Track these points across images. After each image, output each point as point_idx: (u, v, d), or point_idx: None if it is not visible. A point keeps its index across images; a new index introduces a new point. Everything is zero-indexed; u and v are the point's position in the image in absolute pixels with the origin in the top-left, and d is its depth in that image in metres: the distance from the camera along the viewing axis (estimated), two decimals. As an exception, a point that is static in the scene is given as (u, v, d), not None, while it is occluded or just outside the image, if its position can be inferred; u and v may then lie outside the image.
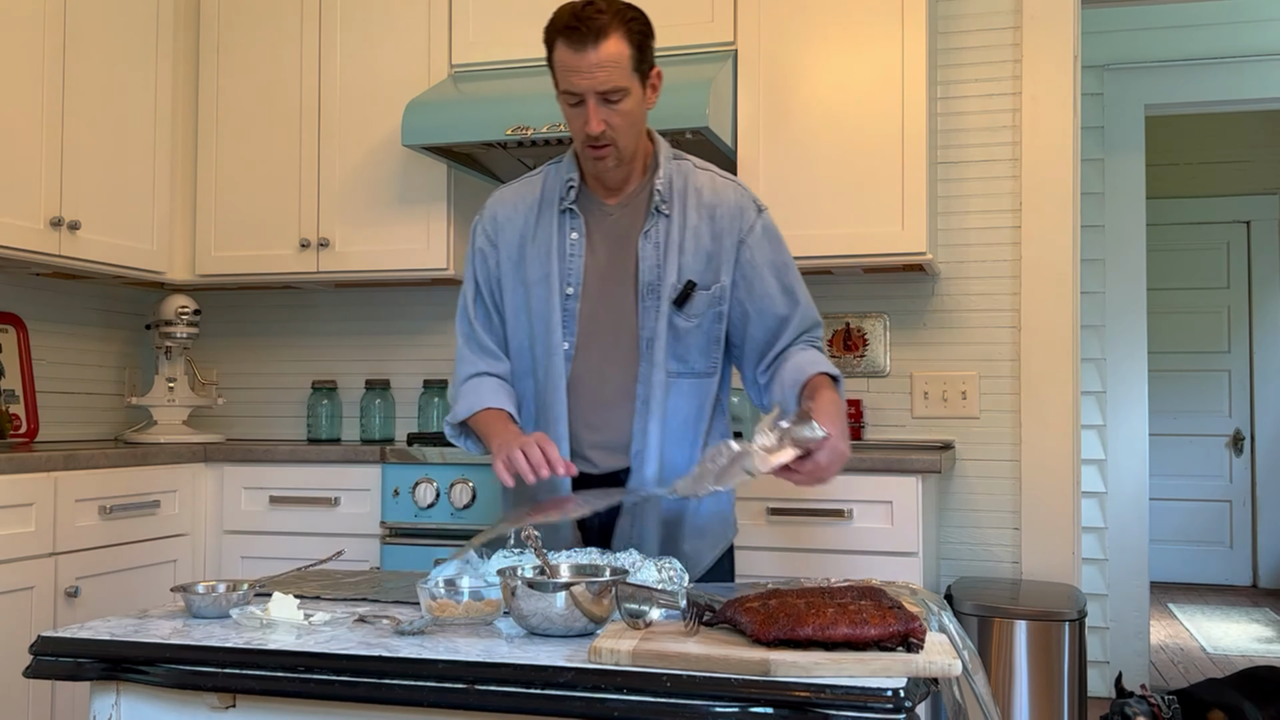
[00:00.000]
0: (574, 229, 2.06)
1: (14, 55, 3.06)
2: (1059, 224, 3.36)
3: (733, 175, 2.14)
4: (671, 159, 2.10)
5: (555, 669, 1.31)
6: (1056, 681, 2.94)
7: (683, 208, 2.05)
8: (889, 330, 3.50)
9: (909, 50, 3.14)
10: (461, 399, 2.08)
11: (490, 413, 2.04)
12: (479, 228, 2.14)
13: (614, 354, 2.04)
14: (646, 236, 2.04)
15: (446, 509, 3.09)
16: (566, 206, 2.06)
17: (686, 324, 2.03)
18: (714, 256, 2.04)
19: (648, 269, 2.03)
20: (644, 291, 2.03)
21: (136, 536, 3.11)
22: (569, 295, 2.04)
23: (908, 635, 1.30)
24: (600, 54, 1.91)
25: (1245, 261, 7.11)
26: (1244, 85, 4.78)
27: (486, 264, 2.12)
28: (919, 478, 2.86)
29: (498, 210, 2.13)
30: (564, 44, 1.93)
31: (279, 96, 3.64)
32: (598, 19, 1.91)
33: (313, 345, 4.02)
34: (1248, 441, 7.10)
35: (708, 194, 2.07)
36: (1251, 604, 6.62)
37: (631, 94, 1.96)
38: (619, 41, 1.92)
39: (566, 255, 2.05)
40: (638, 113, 2.00)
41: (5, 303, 3.54)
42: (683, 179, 2.08)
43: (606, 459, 2.05)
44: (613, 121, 1.95)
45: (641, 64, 1.97)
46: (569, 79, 1.94)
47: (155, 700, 1.47)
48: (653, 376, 2.02)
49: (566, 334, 2.04)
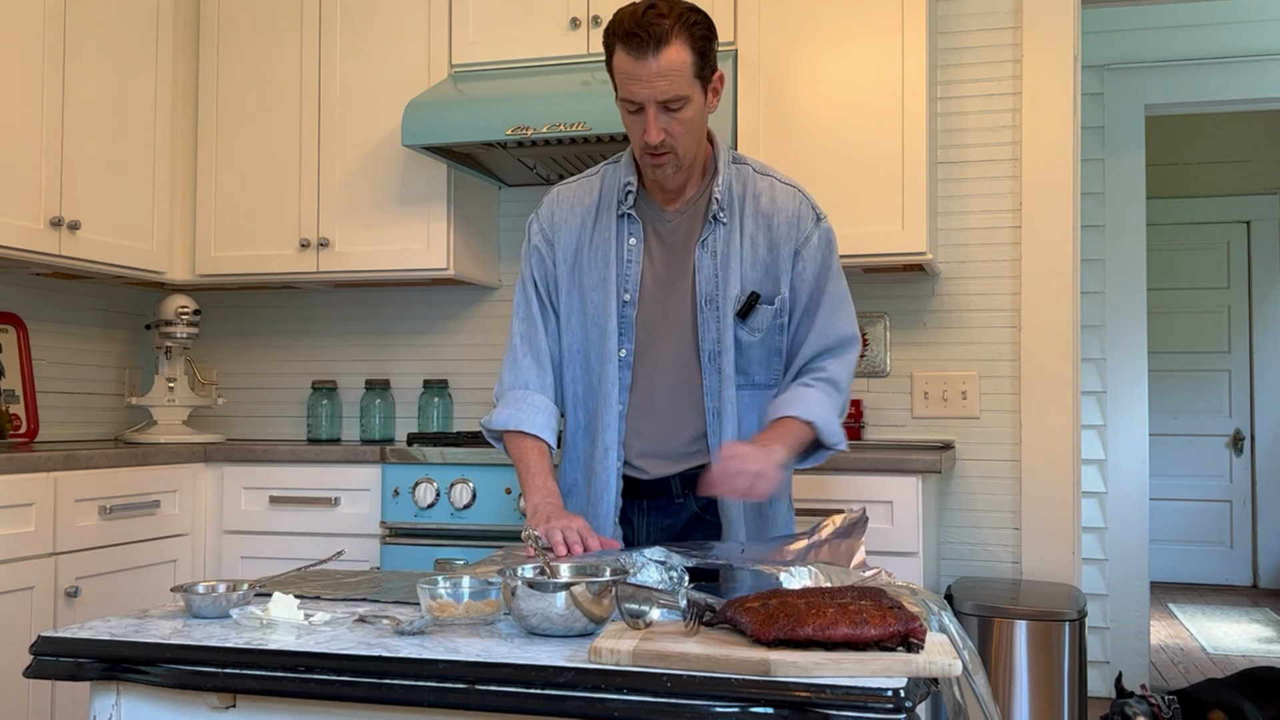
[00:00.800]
0: (632, 234, 2.01)
1: (14, 56, 3.06)
2: (1059, 224, 3.36)
3: (794, 180, 2.09)
4: (731, 163, 2.04)
5: (555, 669, 1.31)
6: (1056, 681, 2.94)
7: (740, 216, 2.00)
8: (889, 330, 3.50)
9: (909, 50, 3.14)
10: (503, 406, 2.06)
11: (530, 443, 2.01)
12: (535, 226, 2.10)
13: (669, 363, 2.01)
14: (704, 246, 1.99)
15: (446, 509, 3.09)
16: (625, 211, 2.02)
17: (750, 338, 1.99)
18: (771, 267, 2.00)
19: (705, 279, 1.99)
20: (702, 302, 1.99)
21: (136, 536, 3.11)
22: (626, 302, 2.00)
23: (908, 635, 1.30)
24: (662, 62, 1.84)
25: (1245, 261, 7.11)
26: (1244, 85, 4.78)
27: (544, 263, 2.07)
28: (919, 478, 2.86)
29: (555, 210, 2.08)
30: (624, 50, 1.86)
31: (279, 96, 3.64)
32: (659, 24, 1.83)
33: (313, 345, 4.02)
34: (1248, 441, 7.10)
35: (765, 201, 2.02)
36: (1251, 604, 6.62)
37: (693, 101, 1.89)
38: (681, 48, 1.85)
39: (625, 261, 2.01)
40: (699, 120, 1.93)
41: (5, 303, 3.54)
42: (742, 185, 2.03)
43: (656, 466, 2.05)
44: (673, 130, 1.90)
45: (704, 69, 1.90)
46: (628, 87, 1.88)
47: (155, 700, 1.47)
48: (723, 391, 1.99)
49: (624, 341, 2.00)
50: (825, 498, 2.89)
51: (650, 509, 2.08)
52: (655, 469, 2.04)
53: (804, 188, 2.09)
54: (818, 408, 1.94)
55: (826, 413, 1.95)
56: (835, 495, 2.89)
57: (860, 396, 3.50)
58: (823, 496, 2.89)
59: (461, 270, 3.53)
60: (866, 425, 3.50)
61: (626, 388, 2.02)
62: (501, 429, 2.05)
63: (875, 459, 2.88)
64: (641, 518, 2.08)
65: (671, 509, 2.06)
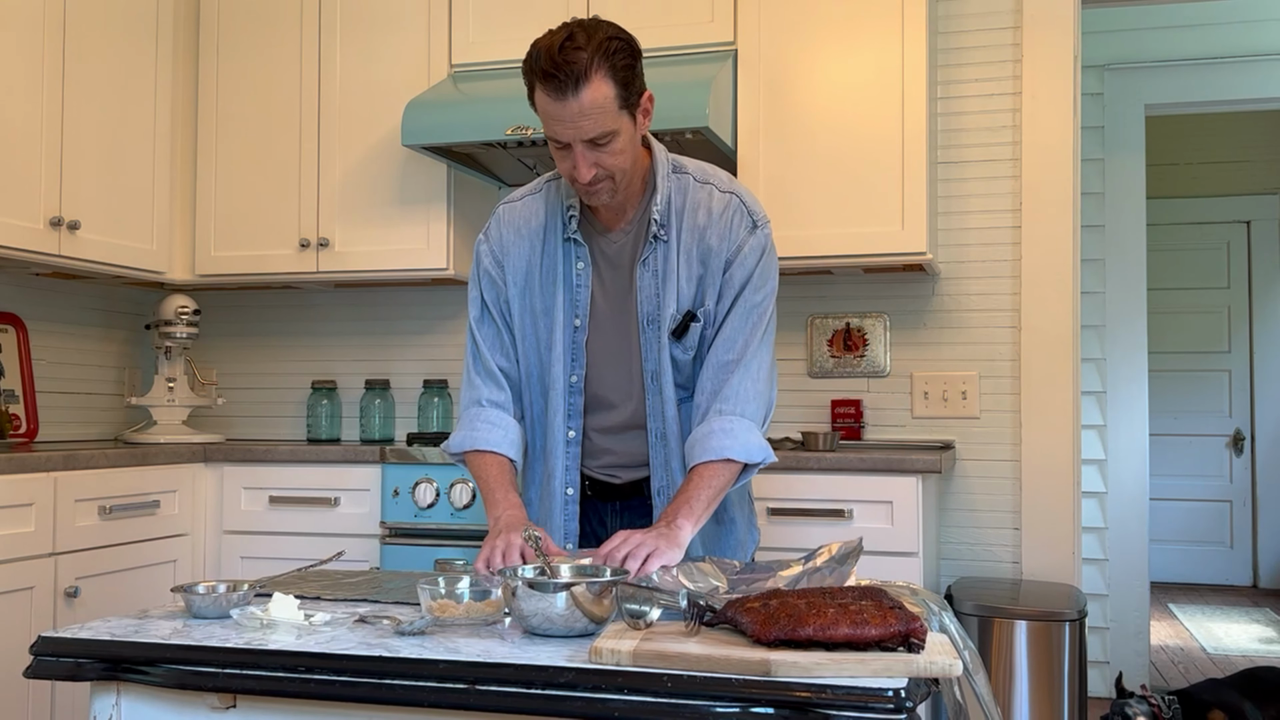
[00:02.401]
0: (580, 258, 1.98)
1: (14, 55, 3.06)
2: (1059, 224, 3.36)
3: (737, 185, 2.00)
4: (670, 174, 1.98)
5: (555, 669, 1.31)
6: (1057, 681, 2.94)
7: (679, 230, 1.95)
8: (889, 330, 3.50)
9: (909, 50, 3.14)
10: (459, 428, 2.04)
11: (489, 459, 1.98)
12: (484, 248, 2.06)
13: (622, 384, 2.00)
14: (645, 265, 1.96)
15: (446, 509, 3.09)
16: (570, 236, 1.99)
17: (684, 355, 1.97)
18: (703, 279, 1.95)
19: (646, 299, 1.96)
20: (644, 322, 1.96)
21: (136, 536, 3.11)
22: (577, 328, 1.98)
23: (909, 635, 1.30)
24: (584, 102, 1.76)
25: (1245, 261, 7.10)
26: (1244, 85, 4.78)
27: (496, 285, 2.04)
28: (919, 478, 2.86)
29: (503, 232, 2.04)
30: (543, 90, 1.79)
31: (279, 96, 3.64)
32: (577, 61, 1.75)
33: (313, 345, 4.02)
34: (1248, 441, 7.10)
35: (703, 214, 1.95)
36: (1252, 604, 6.62)
37: (621, 133, 1.82)
38: (602, 83, 1.76)
39: (574, 286, 1.98)
40: (630, 147, 1.86)
41: (5, 303, 3.54)
42: (682, 197, 1.96)
43: (625, 474, 2.05)
44: (604, 162, 1.83)
45: (629, 98, 1.82)
46: (552, 127, 1.81)
47: (155, 700, 1.47)
48: (665, 411, 1.97)
49: (575, 366, 1.99)
50: (825, 497, 2.89)
51: (624, 510, 2.08)
52: (625, 475, 2.05)
53: (746, 194, 1.98)
54: (729, 440, 1.87)
55: (741, 440, 1.88)
56: (835, 495, 2.89)
57: (860, 396, 3.50)
58: (822, 496, 2.89)
59: (461, 270, 3.52)
60: (866, 425, 3.50)
61: (579, 413, 2.00)
62: (460, 450, 2.03)
63: (875, 459, 2.88)
64: (616, 519, 2.08)
65: (644, 509, 2.05)
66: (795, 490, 2.91)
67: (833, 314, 3.54)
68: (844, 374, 3.53)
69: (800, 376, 3.56)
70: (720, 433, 1.88)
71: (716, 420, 1.89)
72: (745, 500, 2.15)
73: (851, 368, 3.52)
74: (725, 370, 1.93)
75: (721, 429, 1.88)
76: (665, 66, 3.24)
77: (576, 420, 2.01)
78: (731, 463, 1.88)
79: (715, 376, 1.93)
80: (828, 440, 3.14)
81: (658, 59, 3.31)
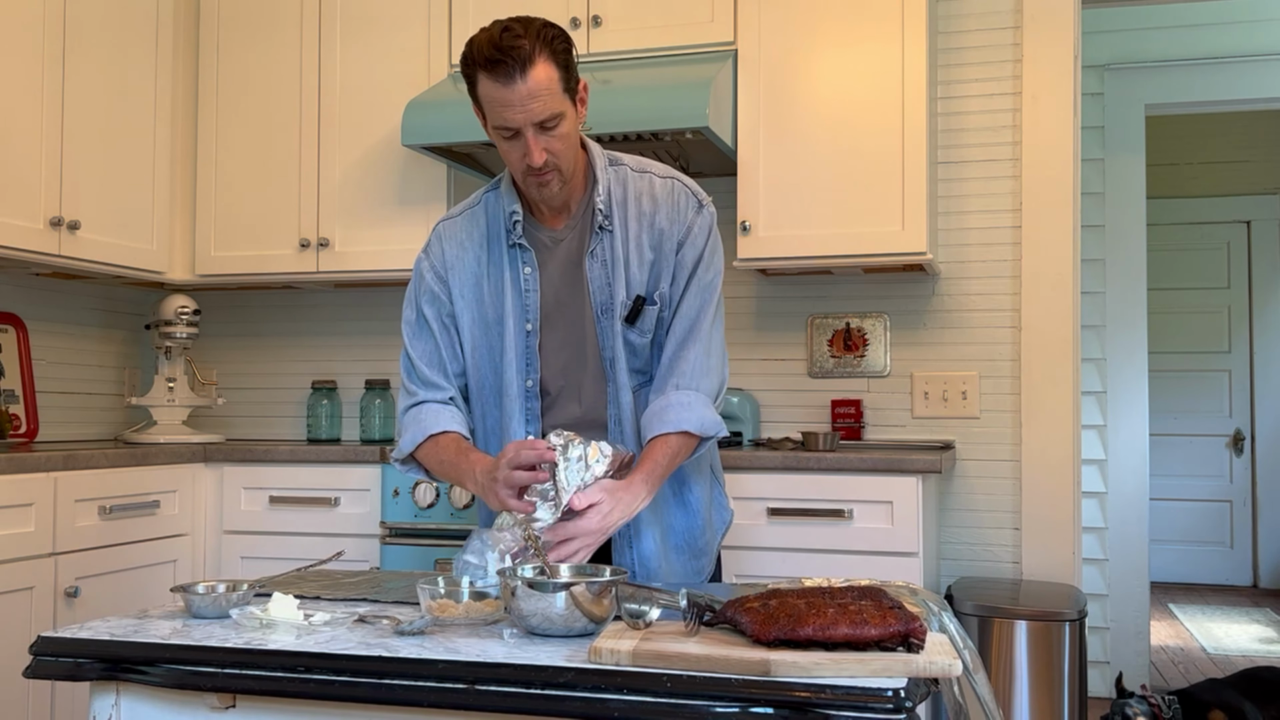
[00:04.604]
0: (526, 263, 2.00)
1: (14, 55, 3.06)
2: (1059, 224, 3.36)
3: (674, 171, 2.05)
4: (608, 167, 2.03)
5: (555, 669, 1.31)
6: (1057, 681, 2.94)
7: (624, 219, 1.99)
8: (889, 330, 3.50)
9: (909, 50, 3.14)
10: (405, 432, 2.02)
11: (443, 441, 1.97)
12: (425, 264, 2.06)
13: (581, 378, 2.01)
14: (593, 256, 1.99)
15: (446, 509, 3.09)
16: (515, 241, 2.01)
17: (640, 339, 1.99)
18: (656, 264, 1.99)
19: (598, 289, 1.99)
20: (599, 313, 1.99)
21: (136, 536, 3.11)
22: (529, 332, 2.00)
23: (908, 635, 1.30)
24: (530, 84, 1.81)
25: (1245, 261, 7.10)
26: (1244, 85, 4.78)
27: (437, 301, 2.04)
28: (919, 478, 2.86)
29: (445, 248, 2.05)
30: (489, 78, 1.83)
31: (279, 96, 3.64)
32: (520, 47, 1.80)
33: (313, 345, 4.02)
34: (1248, 441, 7.10)
35: (647, 201, 2.00)
36: (1252, 604, 6.62)
37: (566, 116, 1.88)
38: (546, 65, 1.83)
39: (522, 292, 2.00)
40: (574, 133, 1.93)
41: (5, 303, 3.54)
42: (621, 187, 2.01)
43: None
44: (553, 148, 1.88)
45: (570, 82, 1.89)
46: (501, 114, 1.85)
47: (155, 700, 1.47)
48: (620, 397, 2.00)
49: (530, 371, 2.00)
50: (825, 497, 2.89)
51: None
52: None
53: (683, 177, 2.04)
54: (686, 412, 1.93)
55: (697, 413, 1.94)
56: (835, 495, 2.89)
57: (860, 396, 3.50)
58: (822, 496, 2.89)
59: (461, 270, 3.52)
60: (866, 425, 3.50)
61: (536, 417, 2.02)
62: (412, 446, 2.00)
63: (875, 459, 2.88)
64: None
65: None
66: (795, 490, 2.91)
67: (833, 314, 3.54)
68: (844, 374, 3.53)
69: (800, 376, 3.56)
70: (677, 405, 1.94)
71: (673, 394, 1.95)
72: (706, 476, 2.14)
73: (851, 368, 3.52)
74: (680, 347, 1.99)
75: (678, 402, 1.94)
76: (665, 66, 3.24)
77: (535, 424, 2.02)
78: (687, 435, 1.93)
79: (672, 352, 1.99)
80: (828, 440, 3.14)
81: (658, 59, 3.31)
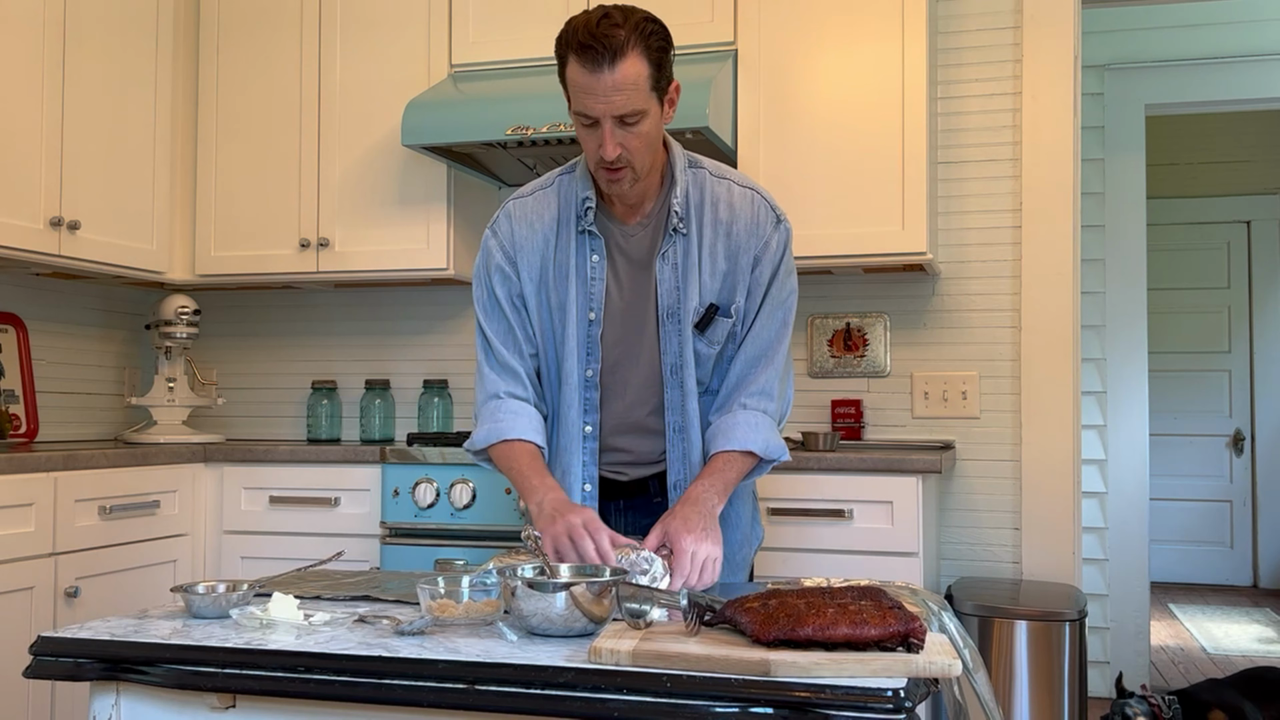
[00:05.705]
0: (595, 251, 1.97)
1: (14, 55, 3.06)
2: (1059, 224, 3.36)
3: (752, 181, 2.03)
4: (688, 169, 1.99)
5: (555, 669, 1.31)
6: (1057, 682, 2.94)
7: (699, 224, 1.95)
8: (889, 330, 3.50)
9: (909, 50, 3.14)
10: (481, 423, 1.99)
11: (518, 448, 1.94)
12: (495, 245, 2.02)
13: (638, 379, 1.99)
14: (664, 258, 1.95)
15: (446, 509, 3.09)
16: (586, 228, 1.97)
17: (708, 350, 1.97)
18: (730, 275, 1.96)
19: (666, 292, 1.95)
20: (664, 316, 1.96)
21: (136, 536, 3.11)
22: (591, 321, 1.97)
23: (908, 635, 1.30)
24: (617, 76, 1.77)
25: (1245, 261, 7.10)
26: (1244, 85, 4.78)
27: (508, 280, 2.00)
28: (919, 478, 2.86)
29: (515, 228, 2.01)
30: (578, 63, 1.78)
31: (279, 96, 3.64)
32: (614, 36, 1.76)
33: (313, 345, 4.02)
34: (1248, 441, 7.10)
35: (724, 208, 1.96)
36: (1252, 604, 6.62)
37: (649, 115, 1.83)
38: (637, 60, 1.78)
39: (588, 280, 1.97)
40: (655, 133, 1.87)
41: (5, 303, 3.54)
42: (699, 191, 1.97)
43: (633, 471, 2.05)
44: (629, 144, 1.83)
45: (660, 81, 1.83)
46: (583, 101, 1.80)
47: (155, 700, 1.47)
48: (686, 405, 1.96)
49: (590, 361, 1.97)
50: (825, 497, 2.89)
51: (628, 509, 2.08)
52: (634, 472, 2.06)
53: (763, 189, 2.02)
54: (754, 433, 1.92)
55: (764, 435, 1.93)
56: (835, 495, 2.89)
57: (860, 396, 3.50)
58: (823, 496, 2.89)
59: (461, 270, 3.52)
60: (866, 425, 3.50)
61: (595, 408, 1.99)
62: (486, 444, 1.98)
63: (875, 459, 2.88)
64: (619, 517, 2.08)
65: (649, 508, 2.05)
66: (795, 490, 2.92)
67: (833, 314, 3.54)
68: (844, 374, 3.53)
69: (800, 376, 3.56)
70: (745, 425, 1.93)
71: (741, 413, 1.94)
72: (749, 497, 2.16)
73: (852, 368, 3.52)
74: (751, 365, 1.97)
75: (747, 422, 1.93)
76: (665, 66, 3.24)
77: (593, 415, 2.00)
78: (751, 456, 1.92)
79: (743, 370, 1.98)
80: (828, 440, 3.14)
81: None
